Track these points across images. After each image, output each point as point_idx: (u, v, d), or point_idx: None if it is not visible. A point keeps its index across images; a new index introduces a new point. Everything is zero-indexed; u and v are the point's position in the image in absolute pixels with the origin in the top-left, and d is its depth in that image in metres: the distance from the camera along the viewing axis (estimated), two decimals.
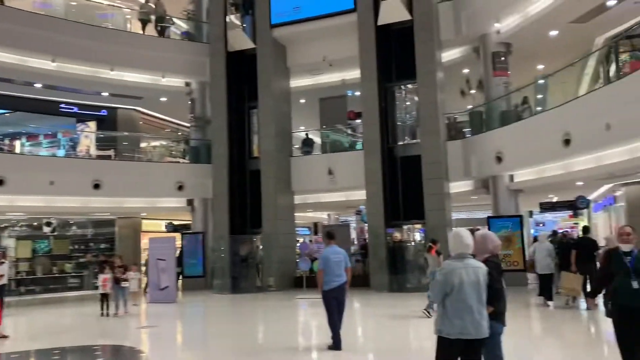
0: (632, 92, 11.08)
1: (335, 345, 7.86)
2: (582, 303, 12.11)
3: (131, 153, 20.56)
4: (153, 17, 20.01)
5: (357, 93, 18.95)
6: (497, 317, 4.53)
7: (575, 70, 17.41)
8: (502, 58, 17.07)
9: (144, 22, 19.77)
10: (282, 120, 19.07)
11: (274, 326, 11.53)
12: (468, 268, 4.30)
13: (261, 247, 18.33)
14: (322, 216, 31.81)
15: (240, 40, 18.84)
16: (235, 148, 19.06)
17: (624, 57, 15.30)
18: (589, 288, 11.65)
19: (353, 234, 28.31)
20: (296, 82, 20.43)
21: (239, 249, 18.16)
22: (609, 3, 14.39)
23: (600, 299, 5.69)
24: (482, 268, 4.38)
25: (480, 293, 4.27)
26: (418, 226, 17.66)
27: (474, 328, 4.20)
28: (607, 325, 5.35)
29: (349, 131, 20.73)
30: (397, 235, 17.29)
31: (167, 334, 11.17)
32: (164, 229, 22.87)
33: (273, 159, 18.21)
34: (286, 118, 19.52)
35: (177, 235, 20.57)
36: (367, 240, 19.65)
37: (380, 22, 17.01)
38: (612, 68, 15.77)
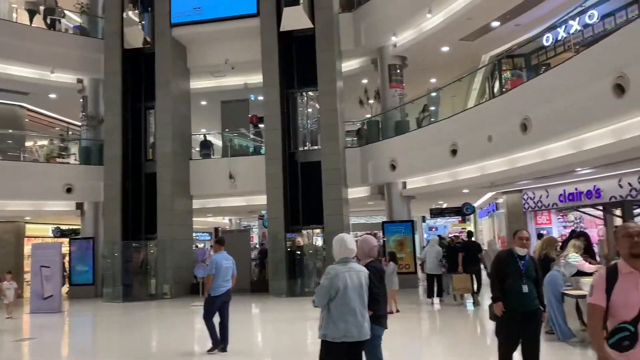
0: (511, 107, 12.04)
1: (213, 346, 8.17)
2: (469, 303, 13.04)
3: (15, 152, 19.04)
4: (42, 8, 18.74)
5: (260, 97, 18.93)
6: (377, 320, 4.71)
7: (464, 85, 18.64)
8: (398, 70, 17.88)
9: (32, 13, 18.48)
10: (181, 121, 18.57)
11: (166, 334, 11.19)
12: (351, 272, 4.42)
13: (156, 253, 17.67)
14: (224, 221, 31.37)
15: (137, 38, 18.13)
16: (130, 149, 18.27)
17: (506, 74, 16.63)
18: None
19: (256, 239, 28.25)
20: (197, 84, 20.03)
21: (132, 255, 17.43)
22: (493, 24, 15.54)
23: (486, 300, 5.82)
24: (364, 272, 4.54)
25: (362, 296, 4.42)
26: (317, 231, 17.92)
27: (357, 330, 4.33)
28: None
29: (252, 135, 20.65)
30: (300, 240, 17.46)
31: (49, 346, 10.43)
32: (50, 234, 21.44)
33: (170, 161, 17.66)
34: (185, 120, 19.04)
35: (65, 241, 19.38)
36: (264, 245, 19.69)
37: (282, 29, 17.13)
38: (496, 84, 17.07)
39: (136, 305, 15.74)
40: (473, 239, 14.27)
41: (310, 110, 18.57)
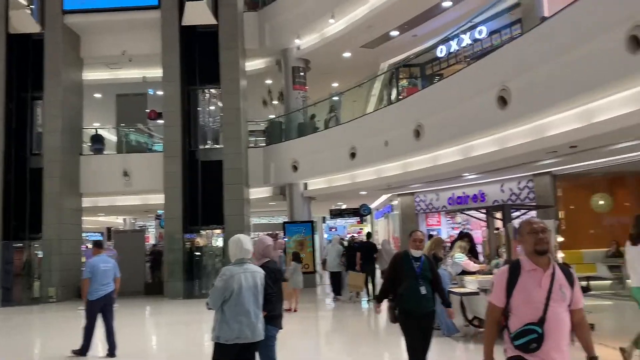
0: (406, 114, 12.64)
1: (80, 350, 7.89)
2: (364, 300, 13.51)
3: None
4: None
5: (160, 92, 18.28)
6: (272, 320, 4.74)
7: (364, 91, 19.26)
8: (301, 73, 18.11)
9: None
10: (71, 114, 17.43)
11: (47, 339, 10.47)
12: (247, 273, 4.44)
13: (41, 254, 16.47)
14: (118, 221, 29.94)
15: (25, 23, 16.76)
16: (13, 142, 16.83)
17: (403, 82, 17.40)
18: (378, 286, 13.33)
19: (153, 240, 27.19)
20: (91, 75, 18.88)
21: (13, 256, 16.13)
22: (392, 33, 16.20)
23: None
24: (260, 272, 4.56)
25: (257, 297, 4.45)
26: (218, 231, 17.64)
27: (251, 331, 4.35)
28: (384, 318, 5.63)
29: (149, 131, 19.89)
30: (199, 240, 17.10)
31: None
32: None
33: (59, 156, 16.49)
34: (77, 112, 17.89)
35: None
36: (156, 246, 19.12)
37: (184, 23, 16.67)
38: (394, 92, 17.80)
39: (17, 310, 14.57)
40: (371, 239, 14.87)
41: (212, 108, 18.24)
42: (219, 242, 17.67)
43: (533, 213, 11.94)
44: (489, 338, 3.17)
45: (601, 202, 13.58)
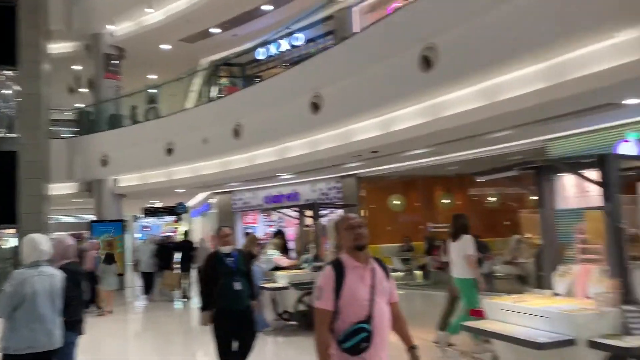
0: (225, 112, 12.73)
1: None
2: (177, 300, 13.26)
3: None
4: None
5: None
6: (72, 326, 4.44)
7: (183, 86, 18.84)
8: (115, 61, 17.06)
9: None
10: None
11: None
12: (42, 276, 4.13)
13: None
14: None
15: None
16: None
17: (223, 81, 17.43)
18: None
19: None
20: None
21: None
22: (213, 30, 16.14)
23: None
24: (58, 275, 4.27)
25: (54, 301, 4.16)
26: (11, 231, 15.72)
27: (47, 338, 4.06)
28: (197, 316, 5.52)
29: None
30: None
31: None
32: None
33: None
34: None
35: None
36: None
37: None
38: (214, 89, 17.74)
39: None
40: (188, 238, 14.73)
41: (8, 92, 16.19)
42: (11, 243, 15.79)
43: (339, 211, 12.91)
44: (323, 345, 2.87)
45: (396, 202, 15.29)
